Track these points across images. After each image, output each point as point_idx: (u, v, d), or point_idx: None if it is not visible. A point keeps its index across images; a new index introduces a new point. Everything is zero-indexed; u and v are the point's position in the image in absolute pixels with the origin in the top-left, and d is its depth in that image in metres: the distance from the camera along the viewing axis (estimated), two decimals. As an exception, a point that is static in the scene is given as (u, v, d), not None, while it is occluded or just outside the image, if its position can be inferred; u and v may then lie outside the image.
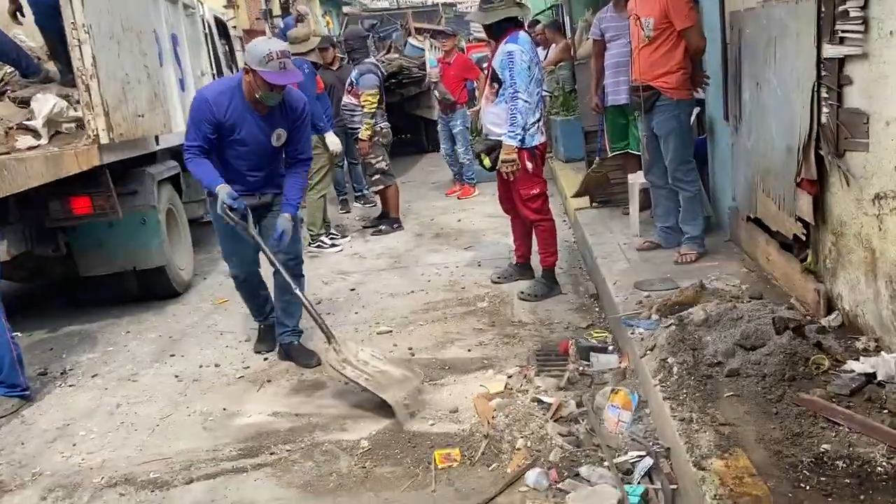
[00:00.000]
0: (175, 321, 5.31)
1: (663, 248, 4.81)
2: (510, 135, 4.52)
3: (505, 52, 4.52)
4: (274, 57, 3.71)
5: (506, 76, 4.52)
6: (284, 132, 4.03)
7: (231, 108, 3.88)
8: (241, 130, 3.93)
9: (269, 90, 3.80)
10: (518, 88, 4.49)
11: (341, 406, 3.68)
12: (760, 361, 2.90)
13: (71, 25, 4.46)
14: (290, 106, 4.01)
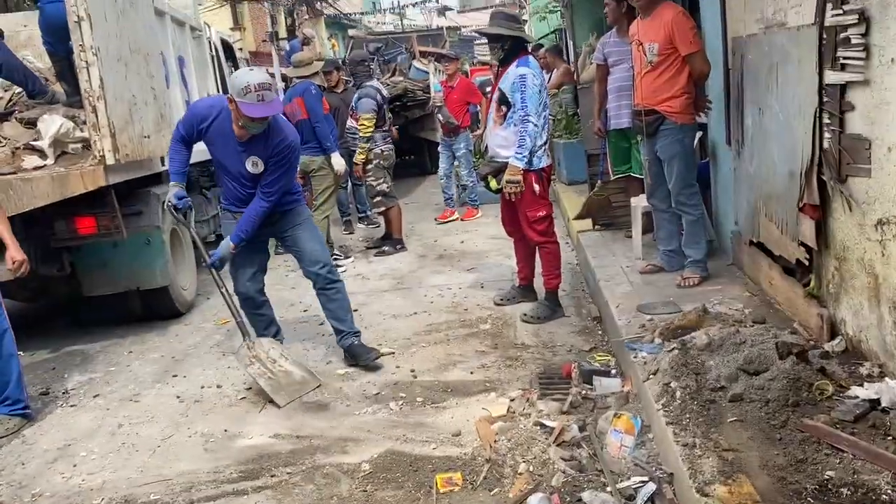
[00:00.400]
0: (177, 341, 5.31)
1: (666, 272, 4.81)
2: (517, 157, 4.55)
3: (517, 76, 4.55)
4: (252, 89, 3.78)
5: (517, 99, 4.55)
6: (261, 161, 4.06)
7: (214, 124, 4.03)
8: (219, 149, 4.10)
9: (249, 120, 3.88)
10: (529, 112, 4.53)
11: (342, 428, 3.66)
12: (764, 386, 2.89)
13: (79, 48, 4.51)
14: (271, 139, 4.04)
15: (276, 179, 4.10)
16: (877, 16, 2.72)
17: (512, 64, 4.64)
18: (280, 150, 4.05)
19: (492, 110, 4.81)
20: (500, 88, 4.67)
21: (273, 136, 4.03)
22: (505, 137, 4.68)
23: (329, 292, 4.38)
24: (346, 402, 3.95)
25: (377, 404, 3.89)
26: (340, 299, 4.43)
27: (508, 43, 4.68)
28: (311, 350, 4.79)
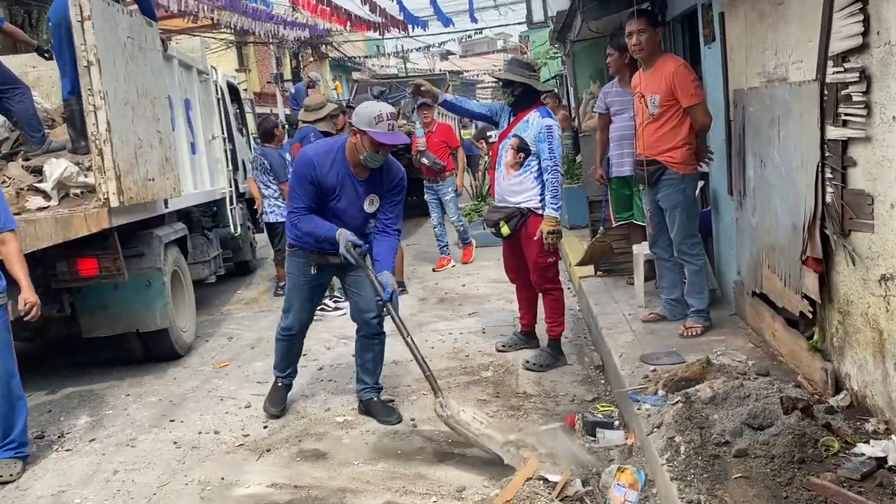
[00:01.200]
0: (176, 385, 5.27)
1: (668, 321, 4.80)
2: (554, 207, 4.61)
3: (544, 126, 4.61)
4: (384, 118, 3.84)
5: (543, 149, 4.60)
6: (377, 198, 4.12)
7: (332, 169, 3.99)
8: (339, 192, 4.03)
9: (375, 151, 3.89)
10: (558, 162, 4.63)
11: (341, 478, 3.61)
12: (769, 442, 2.85)
13: (88, 92, 4.56)
14: (388, 172, 4.11)
15: (399, 211, 4.22)
16: (877, 74, 2.76)
17: (530, 112, 4.68)
18: (399, 180, 4.16)
19: (504, 154, 4.79)
20: (520, 136, 4.68)
21: (390, 170, 4.12)
22: (519, 183, 4.70)
23: (372, 342, 4.33)
24: (345, 452, 3.90)
25: (376, 454, 3.84)
26: (378, 352, 4.38)
27: (519, 89, 4.73)
28: (310, 396, 4.75)
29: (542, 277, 4.81)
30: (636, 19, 4.47)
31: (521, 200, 4.72)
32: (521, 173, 4.70)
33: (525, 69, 4.78)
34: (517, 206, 4.73)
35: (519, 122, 4.73)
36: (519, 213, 4.72)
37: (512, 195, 4.76)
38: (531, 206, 4.71)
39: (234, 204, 7.94)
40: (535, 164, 4.68)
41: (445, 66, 33.85)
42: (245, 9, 14.85)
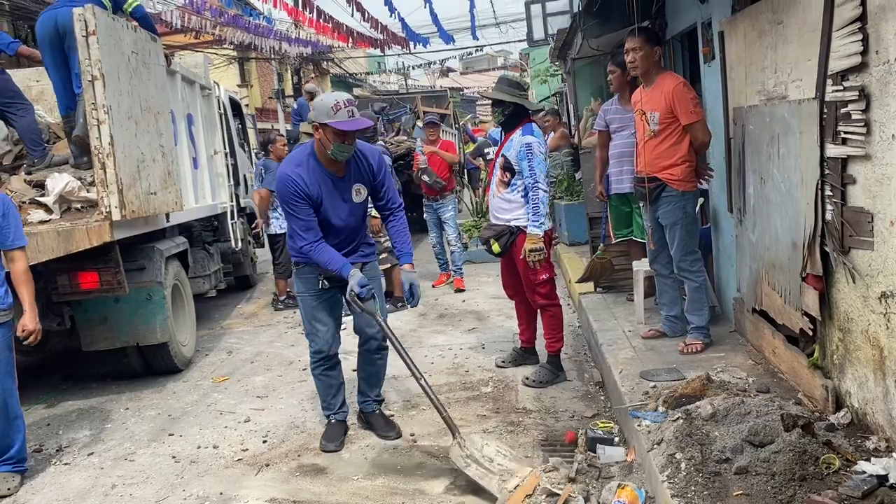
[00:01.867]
0: (175, 399, 5.26)
1: (668, 337, 4.80)
2: (535, 224, 4.59)
3: (523, 144, 4.61)
4: (342, 106, 3.75)
5: (524, 167, 4.61)
6: (364, 187, 4.05)
7: (311, 176, 3.88)
8: (322, 197, 3.91)
9: (340, 141, 3.78)
10: (538, 179, 4.60)
11: (340, 494, 3.60)
12: (769, 459, 2.85)
13: (91, 106, 4.58)
14: (363, 158, 4.03)
15: (392, 188, 4.19)
16: (877, 93, 2.78)
17: (516, 131, 4.72)
18: (378, 159, 4.09)
19: (495, 175, 4.86)
20: (505, 155, 4.74)
21: (364, 154, 4.04)
22: (507, 201, 4.74)
23: (374, 356, 4.26)
24: (345, 467, 3.89)
25: (376, 469, 3.82)
26: (381, 366, 4.32)
27: (510, 108, 4.77)
28: (309, 410, 4.74)
29: (536, 294, 4.81)
30: (634, 37, 4.51)
31: (510, 218, 4.74)
32: (510, 192, 4.73)
33: (514, 88, 4.82)
34: (507, 224, 4.76)
35: (507, 142, 4.78)
36: (509, 231, 4.74)
37: (502, 213, 4.80)
38: (520, 224, 4.71)
39: (235, 218, 7.96)
40: (521, 183, 4.69)
41: (446, 82, 34.03)
42: (248, 25, 14.96)
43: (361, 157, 4.03)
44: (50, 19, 5.12)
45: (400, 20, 13.65)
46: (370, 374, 4.32)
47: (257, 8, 17.25)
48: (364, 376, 4.34)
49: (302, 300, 4.18)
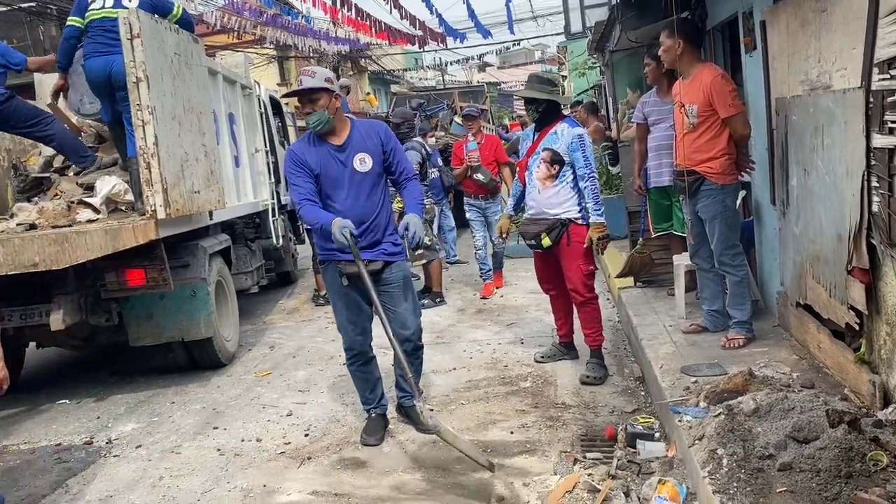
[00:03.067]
0: (219, 393, 5.36)
1: (710, 332, 4.74)
2: (598, 213, 4.65)
3: (575, 135, 4.69)
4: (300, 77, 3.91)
5: (578, 158, 4.66)
6: (369, 156, 3.97)
7: (311, 148, 3.96)
8: (321, 167, 3.94)
9: (306, 113, 3.91)
10: (593, 169, 4.69)
11: (381, 487, 3.64)
12: (814, 456, 2.80)
13: (136, 107, 4.69)
14: (365, 132, 4.02)
15: (402, 160, 4.11)
16: (924, 81, 2.71)
17: (557, 124, 4.76)
18: (386, 134, 4.06)
19: (535, 169, 4.83)
20: (551, 148, 4.73)
21: (366, 129, 4.04)
22: (556, 194, 4.74)
23: (410, 357, 3.99)
24: (385, 460, 3.93)
25: (416, 463, 3.86)
26: (418, 364, 4.22)
27: (543, 105, 4.81)
28: (350, 405, 4.79)
29: (583, 286, 4.79)
30: (665, 30, 4.50)
31: (560, 212, 4.74)
32: (558, 184, 4.73)
33: (546, 85, 4.87)
34: (557, 218, 4.75)
35: (546, 136, 4.79)
36: (559, 223, 4.74)
37: (550, 207, 4.77)
38: (571, 216, 4.74)
39: (276, 215, 8.06)
40: (570, 174, 4.73)
41: (483, 77, 33.97)
42: (287, 24, 15.12)
43: (365, 129, 4.04)
44: (104, 65, 5.04)
45: (437, 16, 13.68)
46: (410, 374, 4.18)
47: (296, 7, 17.43)
48: (401, 374, 4.26)
49: (330, 297, 4.26)
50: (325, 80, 3.90)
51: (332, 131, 3.96)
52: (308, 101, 3.88)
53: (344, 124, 4.02)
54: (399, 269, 4.11)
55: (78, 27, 5.24)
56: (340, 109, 3.99)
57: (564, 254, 4.79)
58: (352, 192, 3.95)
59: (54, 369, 6.56)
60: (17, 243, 4.62)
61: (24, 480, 4.09)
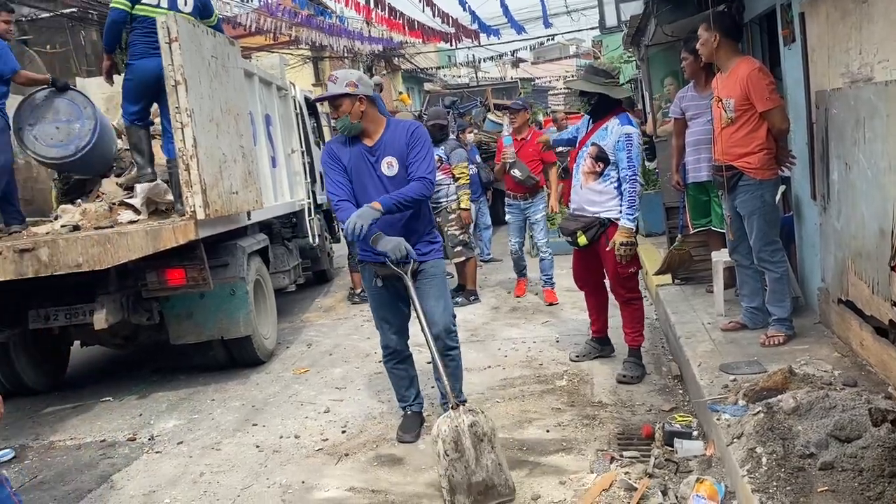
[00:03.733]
0: (258, 390, 5.44)
1: (749, 330, 4.67)
2: (629, 218, 4.52)
3: (623, 134, 4.54)
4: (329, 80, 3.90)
5: (622, 158, 4.52)
6: (396, 160, 3.90)
7: (345, 147, 3.97)
8: (353, 163, 3.93)
9: (335, 118, 3.94)
10: (637, 171, 4.53)
11: (417, 484, 3.66)
12: (857, 455, 2.75)
13: (175, 110, 4.78)
14: (396, 134, 3.94)
15: (423, 160, 3.89)
16: (970, 72, 2.64)
17: (609, 119, 4.64)
18: (412, 134, 3.93)
19: (581, 163, 4.74)
20: (598, 144, 4.63)
21: (397, 128, 3.97)
22: (599, 192, 4.63)
23: (445, 358, 3.88)
24: (421, 458, 3.95)
25: (452, 460, 3.87)
26: (454, 367, 4.08)
27: (595, 98, 4.70)
28: (386, 402, 4.83)
29: (623, 287, 4.74)
30: (702, 23, 4.43)
31: (599, 210, 4.64)
32: (601, 182, 4.63)
33: (600, 76, 4.71)
34: (596, 216, 4.66)
35: (598, 130, 4.67)
36: (598, 222, 4.65)
37: (590, 205, 4.68)
38: (611, 216, 4.62)
39: (313, 215, 8.15)
40: (615, 174, 4.60)
41: (517, 73, 33.84)
42: (322, 25, 15.24)
43: (398, 130, 3.95)
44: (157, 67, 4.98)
45: (470, 13, 13.67)
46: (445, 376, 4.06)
47: (329, 7, 17.55)
48: (438, 377, 4.18)
49: (368, 296, 4.27)
50: (346, 85, 3.85)
51: (364, 133, 3.95)
52: (332, 106, 3.92)
53: (377, 125, 3.98)
54: (432, 266, 4.04)
55: (126, 12, 5.21)
56: (370, 112, 3.92)
57: (602, 254, 4.71)
58: (376, 196, 3.86)
59: (98, 368, 6.71)
60: (62, 244, 4.74)
61: (71, 475, 4.20)
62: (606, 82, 4.69)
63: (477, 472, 3.25)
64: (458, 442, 3.26)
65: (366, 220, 3.68)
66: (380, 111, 4.09)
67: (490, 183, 9.55)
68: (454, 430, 3.27)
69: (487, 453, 3.30)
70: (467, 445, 3.26)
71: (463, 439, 3.27)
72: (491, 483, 3.28)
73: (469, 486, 3.24)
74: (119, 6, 5.22)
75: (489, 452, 3.30)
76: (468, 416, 3.32)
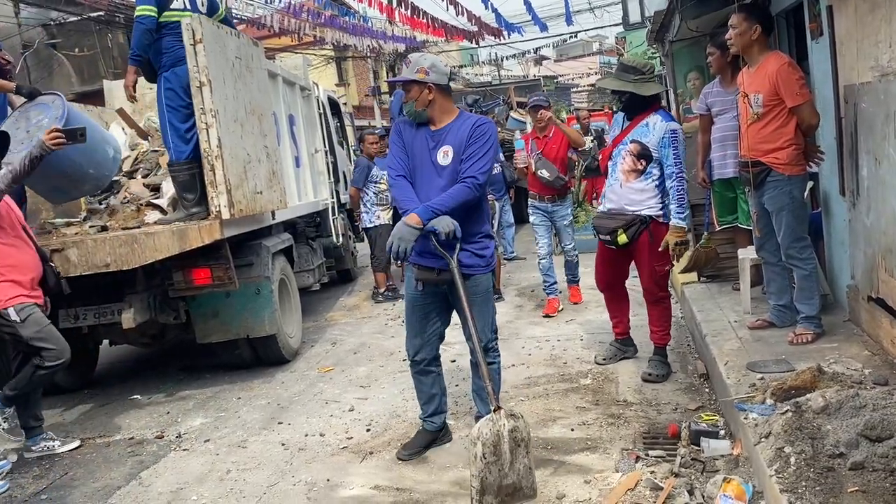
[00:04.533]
0: (283, 389, 5.48)
1: (777, 328, 4.61)
2: (681, 217, 4.47)
3: (668, 131, 4.47)
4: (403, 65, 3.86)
5: (668, 155, 4.45)
6: (452, 150, 3.72)
7: (413, 125, 3.85)
8: (414, 144, 3.81)
9: (403, 99, 3.85)
10: (682, 168, 4.46)
11: (442, 482, 3.67)
12: (888, 455, 2.71)
13: (200, 111, 4.83)
14: (462, 125, 3.77)
15: (478, 159, 3.66)
16: None
17: (649, 115, 4.55)
18: (477, 125, 3.74)
19: (620, 160, 4.63)
20: (640, 141, 4.54)
21: (466, 120, 3.79)
22: (640, 190, 4.55)
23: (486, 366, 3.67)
24: (446, 456, 3.96)
25: (476, 459, 3.86)
26: (494, 380, 3.82)
27: (626, 96, 4.62)
28: (410, 400, 4.83)
29: (656, 286, 4.70)
30: (736, 14, 4.36)
31: (641, 209, 4.55)
32: (643, 180, 4.54)
33: (630, 73, 4.61)
34: (636, 214, 4.56)
35: (636, 126, 4.58)
36: (639, 221, 4.55)
37: (631, 203, 4.57)
38: (653, 213, 4.55)
39: (336, 214, 8.19)
40: (657, 172, 4.52)
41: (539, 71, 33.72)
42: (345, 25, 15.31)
43: (466, 123, 3.78)
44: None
45: (493, 10, 13.65)
46: (480, 388, 4.03)
47: (352, 7, 17.63)
48: (475, 389, 4.13)
49: (405, 299, 4.10)
50: (416, 72, 3.74)
51: (430, 119, 3.81)
52: (404, 89, 3.84)
53: (447, 115, 3.81)
54: (478, 280, 3.82)
55: (154, 18, 5.03)
56: (439, 101, 3.77)
57: (641, 252, 4.62)
58: (426, 182, 3.75)
59: (126, 366, 6.81)
60: (90, 245, 4.81)
61: (100, 472, 4.26)
62: (636, 79, 4.59)
63: (509, 476, 3.24)
64: (498, 446, 3.23)
65: (408, 241, 3.55)
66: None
67: (514, 182, 9.52)
68: (495, 434, 3.24)
69: (522, 458, 3.28)
70: (505, 449, 3.24)
71: (502, 443, 3.24)
72: (519, 486, 3.28)
73: (499, 487, 3.23)
74: (148, 13, 5.03)
75: (523, 457, 3.29)
76: (509, 420, 3.29)
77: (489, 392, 3.51)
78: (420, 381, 4.10)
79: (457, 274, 3.61)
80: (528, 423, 3.38)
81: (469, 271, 3.75)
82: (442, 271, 3.72)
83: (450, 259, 3.62)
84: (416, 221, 3.56)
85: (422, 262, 3.75)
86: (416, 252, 3.68)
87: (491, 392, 3.51)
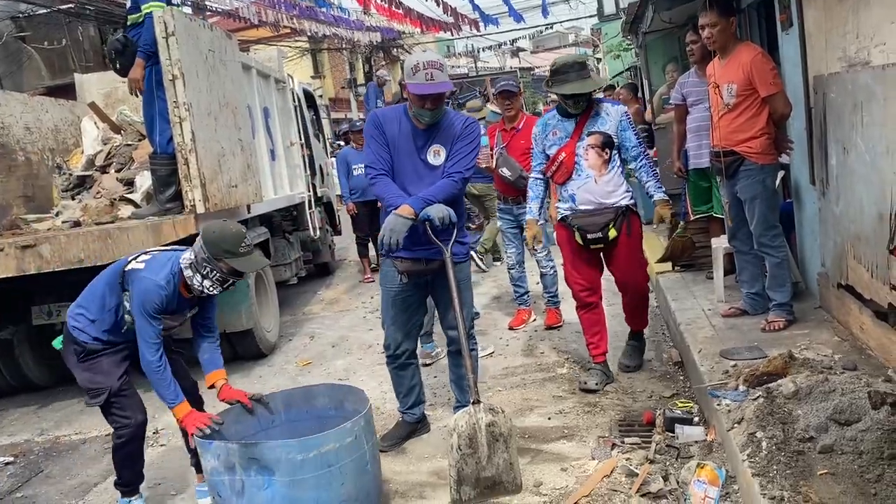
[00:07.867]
0: (261, 383, 5.46)
1: (750, 315, 4.68)
2: (663, 190, 4.52)
3: (623, 113, 4.41)
4: (421, 67, 3.52)
5: (627, 137, 4.39)
6: (443, 150, 3.70)
7: (395, 120, 3.75)
8: (399, 142, 3.72)
9: (420, 105, 3.60)
10: (645, 146, 4.48)
11: (420, 473, 3.69)
12: (856, 438, 2.77)
13: (173, 104, 4.79)
14: (451, 124, 3.74)
15: (464, 159, 3.70)
16: (967, 54, 2.64)
17: (595, 105, 4.45)
18: (466, 125, 3.75)
19: (585, 157, 4.40)
20: (600, 131, 4.38)
21: (455, 119, 3.77)
22: (611, 181, 4.39)
23: (461, 359, 3.79)
24: (424, 447, 3.98)
25: (455, 449, 3.88)
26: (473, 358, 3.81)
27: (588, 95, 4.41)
28: (388, 392, 4.82)
29: (642, 276, 4.67)
30: (708, 12, 4.35)
31: (618, 199, 4.40)
32: (611, 170, 4.40)
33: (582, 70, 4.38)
34: (617, 206, 4.40)
35: (588, 120, 4.41)
36: (621, 212, 4.41)
37: (607, 196, 4.39)
38: (628, 202, 4.43)
39: (313, 208, 8.16)
40: (619, 158, 4.44)
41: (516, 63, 33.77)
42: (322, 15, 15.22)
43: (455, 121, 3.76)
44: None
45: (470, 2, 13.63)
46: (459, 377, 4.04)
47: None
48: (454, 378, 4.12)
49: (381, 291, 4.06)
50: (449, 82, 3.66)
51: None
52: (432, 99, 3.60)
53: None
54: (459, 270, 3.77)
55: None
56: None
57: (625, 245, 4.46)
58: (416, 180, 3.71)
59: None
60: (63, 240, 4.76)
61: (77, 469, 4.23)
62: (589, 74, 4.44)
63: (487, 469, 3.26)
64: (474, 438, 3.25)
65: (400, 231, 3.50)
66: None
67: None
68: (471, 427, 3.26)
69: (501, 453, 3.29)
70: (482, 443, 3.25)
71: (479, 436, 3.25)
72: (499, 480, 3.29)
73: (477, 479, 3.26)
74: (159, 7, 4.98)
75: (503, 452, 3.29)
76: (488, 414, 3.30)
77: (471, 384, 3.52)
78: (399, 376, 4.08)
79: (449, 262, 3.61)
80: (509, 419, 3.38)
81: (455, 259, 3.72)
82: (430, 261, 3.71)
83: (444, 248, 3.61)
84: (409, 212, 3.53)
85: (408, 255, 3.70)
86: (403, 245, 3.60)
87: (473, 384, 3.51)
